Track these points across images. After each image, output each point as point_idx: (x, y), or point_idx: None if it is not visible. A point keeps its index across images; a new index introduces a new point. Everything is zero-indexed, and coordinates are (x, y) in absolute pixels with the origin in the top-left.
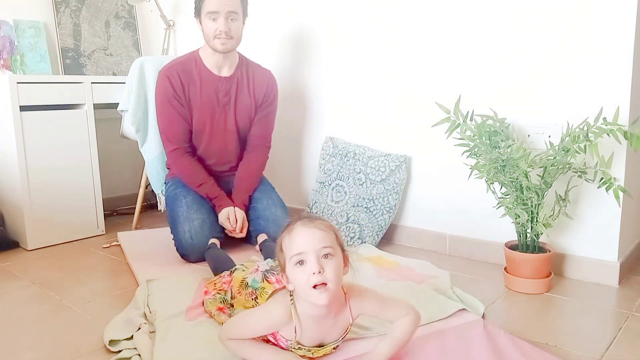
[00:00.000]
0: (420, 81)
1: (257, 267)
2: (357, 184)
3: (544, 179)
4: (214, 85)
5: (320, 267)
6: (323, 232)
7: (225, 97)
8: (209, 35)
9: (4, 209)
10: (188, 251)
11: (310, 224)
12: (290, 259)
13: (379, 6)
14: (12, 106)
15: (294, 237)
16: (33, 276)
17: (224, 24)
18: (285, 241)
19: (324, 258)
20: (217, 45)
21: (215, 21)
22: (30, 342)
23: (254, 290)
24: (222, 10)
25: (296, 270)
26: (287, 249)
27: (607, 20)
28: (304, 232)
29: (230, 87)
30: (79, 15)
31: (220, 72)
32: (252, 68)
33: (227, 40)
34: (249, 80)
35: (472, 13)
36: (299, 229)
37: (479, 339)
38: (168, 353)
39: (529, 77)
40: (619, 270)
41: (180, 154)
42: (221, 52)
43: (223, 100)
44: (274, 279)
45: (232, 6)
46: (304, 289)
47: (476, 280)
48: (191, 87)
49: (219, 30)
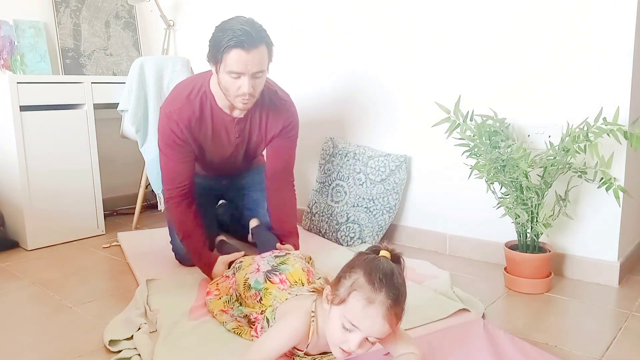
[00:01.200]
0: (420, 81)
1: (258, 266)
2: (357, 184)
3: (544, 179)
4: (226, 126)
5: (362, 345)
6: (388, 328)
7: (238, 138)
8: (228, 91)
9: (4, 209)
10: (184, 257)
11: (387, 313)
12: (346, 317)
13: (379, 6)
14: (12, 106)
15: (368, 314)
16: (33, 276)
17: (248, 85)
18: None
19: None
20: (238, 104)
21: (237, 79)
22: (30, 342)
23: (258, 292)
24: (248, 71)
25: (340, 327)
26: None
27: (607, 20)
28: (370, 317)
29: (244, 128)
30: (79, 15)
31: (232, 112)
32: (267, 102)
33: (250, 99)
34: (261, 120)
35: (472, 13)
36: (377, 315)
37: (479, 339)
38: (170, 353)
39: (529, 77)
40: (619, 270)
41: (175, 202)
42: (241, 110)
43: (235, 141)
44: (277, 279)
45: (259, 65)
46: (332, 340)
47: (476, 280)
48: (202, 129)
49: (242, 90)
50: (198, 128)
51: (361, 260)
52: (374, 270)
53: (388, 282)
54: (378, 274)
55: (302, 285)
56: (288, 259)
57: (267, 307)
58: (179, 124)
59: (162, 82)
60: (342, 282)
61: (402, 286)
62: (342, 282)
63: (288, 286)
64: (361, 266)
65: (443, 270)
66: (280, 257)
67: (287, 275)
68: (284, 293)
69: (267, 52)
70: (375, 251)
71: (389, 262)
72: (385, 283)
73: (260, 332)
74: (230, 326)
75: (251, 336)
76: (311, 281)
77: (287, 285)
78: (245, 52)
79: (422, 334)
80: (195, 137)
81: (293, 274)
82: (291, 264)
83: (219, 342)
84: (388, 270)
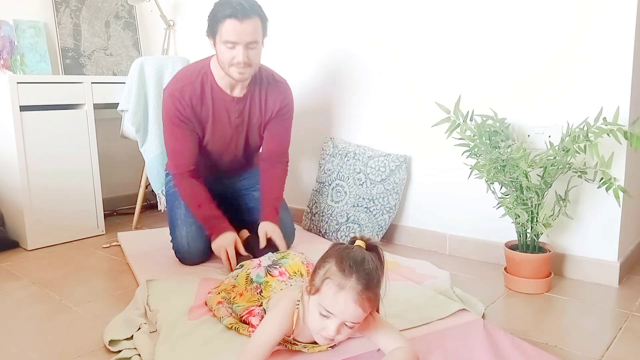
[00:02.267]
0: (420, 81)
1: (260, 262)
2: (357, 184)
3: (544, 179)
4: (227, 106)
5: (339, 331)
6: (361, 312)
7: (238, 118)
8: (224, 62)
9: (4, 209)
10: (184, 255)
11: (358, 298)
12: (321, 304)
13: (379, 6)
14: (12, 106)
15: (339, 299)
16: (33, 276)
17: (243, 54)
18: (330, 284)
19: (345, 326)
20: (234, 73)
21: (232, 49)
22: (30, 342)
23: (259, 285)
24: (242, 40)
25: (318, 315)
26: (326, 296)
27: (607, 20)
28: (342, 302)
29: (244, 108)
30: (79, 15)
31: (232, 91)
32: (265, 83)
33: (246, 69)
34: (261, 99)
35: (473, 13)
36: (348, 300)
37: (479, 339)
38: (170, 352)
39: (529, 77)
40: (619, 270)
41: (183, 176)
42: (238, 80)
43: (236, 121)
44: (277, 272)
45: (252, 35)
46: (312, 328)
47: (476, 280)
48: (203, 108)
49: (237, 60)
50: (200, 107)
51: (334, 250)
52: (344, 258)
53: (358, 267)
54: (349, 261)
55: (301, 276)
56: (288, 254)
57: (265, 299)
58: (181, 102)
59: (162, 82)
60: (317, 272)
61: (374, 272)
62: (317, 273)
63: (287, 277)
64: (333, 255)
65: (443, 270)
66: (281, 253)
67: (286, 267)
68: (282, 284)
69: (261, 25)
70: (352, 241)
71: (361, 250)
72: (355, 269)
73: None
74: (227, 321)
75: (248, 332)
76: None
77: (286, 277)
78: (239, 22)
79: (422, 334)
80: (197, 116)
81: (292, 266)
82: (291, 258)
83: (218, 341)
84: (359, 258)
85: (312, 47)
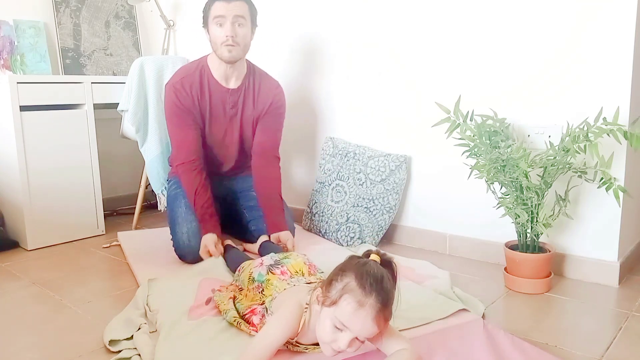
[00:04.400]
0: (420, 81)
1: (262, 261)
2: (357, 184)
3: (544, 179)
4: (222, 97)
5: (351, 344)
6: (377, 329)
7: (232, 109)
8: (216, 43)
9: (4, 209)
10: (185, 252)
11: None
12: (338, 317)
13: (380, 6)
14: (12, 106)
15: (358, 316)
16: (33, 276)
17: (230, 28)
18: (350, 299)
19: (357, 340)
20: (224, 52)
21: (221, 27)
22: (30, 342)
23: (260, 284)
24: (229, 14)
25: (330, 327)
26: (344, 312)
27: (607, 20)
28: (360, 320)
29: (238, 99)
30: (79, 15)
31: (227, 83)
32: (259, 78)
33: (234, 47)
34: (254, 92)
35: (473, 13)
36: (367, 317)
37: (479, 339)
38: (170, 352)
39: (529, 77)
40: (619, 270)
41: (187, 168)
42: (228, 60)
43: (230, 112)
44: (279, 271)
45: (240, 10)
46: (322, 339)
47: (476, 280)
48: (202, 98)
49: (226, 35)
50: (199, 97)
51: (352, 264)
52: (365, 274)
53: (378, 286)
54: (369, 279)
55: (303, 275)
56: (291, 254)
57: (267, 297)
58: (182, 92)
59: (162, 82)
60: (333, 284)
61: (391, 290)
62: (333, 285)
63: (289, 277)
64: (352, 270)
65: (443, 270)
66: (284, 253)
67: (288, 267)
68: (284, 283)
69: (249, 9)
70: (366, 255)
71: (379, 267)
72: (375, 287)
73: (260, 321)
74: (230, 315)
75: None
76: (312, 273)
77: (287, 276)
78: (226, 2)
79: (422, 334)
80: (198, 106)
81: (294, 265)
82: (293, 258)
83: (219, 341)
84: (378, 275)
85: (312, 47)
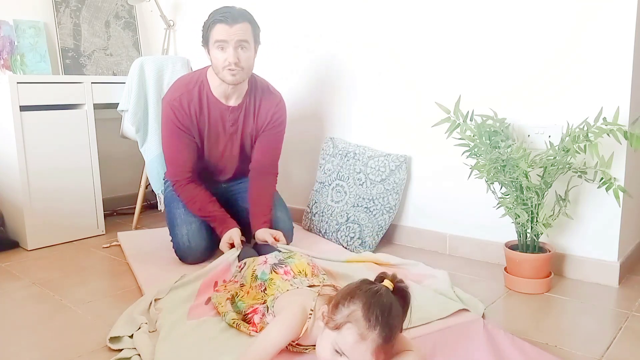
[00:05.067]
0: (420, 81)
1: (266, 260)
2: (357, 184)
3: (544, 179)
4: (222, 115)
5: None
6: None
7: (232, 127)
8: (217, 66)
9: (4, 209)
10: (185, 254)
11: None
12: (338, 344)
13: (380, 6)
14: (12, 106)
15: (358, 348)
16: (33, 276)
17: (233, 54)
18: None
19: None
20: (227, 76)
21: (223, 51)
22: (30, 342)
23: (263, 282)
24: (231, 39)
25: (331, 350)
26: (345, 340)
27: (607, 20)
28: (360, 352)
29: (238, 116)
30: (79, 15)
31: (227, 101)
32: (260, 93)
33: (238, 72)
34: (255, 109)
35: (473, 13)
36: (367, 351)
37: (478, 339)
38: (170, 352)
39: (529, 77)
40: (619, 270)
41: (182, 184)
42: (231, 84)
43: (230, 130)
44: (282, 270)
45: (243, 35)
46: (321, 356)
47: (476, 280)
48: (199, 119)
49: (228, 61)
50: (198, 114)
51: (363, 291)
52: (372, 305)
53: (384, 320)
54: (376, 311)
55: (306, 276)
56: (295, 254)
57: (269, 297)
58: (180, 111)
59: (162, 82)
60: (339, 308)
61: (397, 325)
62: (339, 309)
63: (292, 277)
64: (361, 298)
65: (441, 270)
66: (288, 253)
67: (292, 267)
68: (286, 283)
69: (252, 30)
70: (380, 278)
71: (389, 295)
72: (380, 321)
73: (260, 320)
74: (229, 317)
75: (249, 330)
76: (315, 274)
77: (290, 276)
78: (228, 26)
79: (422, 333)
80: (195, 124)
81: (298, 265)
82: (297, 258)
83: (218, 341)
84: (386, 308)
85: (312, 47)
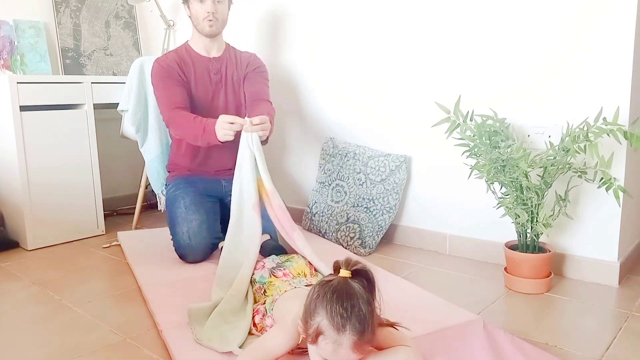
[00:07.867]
0: (420, 81)
1: (264, 264)
2: (357, 184)
3: (544, 179)
4: (205, 65)
5: None
6: (362, 354)
7: (216, 75)
8: (197, 18)
9: (4, 209)
10: (186, 252)
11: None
12: (322, 355)
13: (380, 6)
14: (12, 106)
15: (339, 354)
16: (33, 276)
17: (211, 5)
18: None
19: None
20: (206, 27)
21: (202, 3)
22: (30, 342)
23: (262, 286)
24: None
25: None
26: (325, 352)
27: (607, 20)
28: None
29: (221, 66)
30: (79, 15)
31: (209, 54)
32: (238, 51)
33: (215, 22)
34: (236, 59)
35: (473, 13)
36: (347, 351)
37: (478, 339)
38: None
39: (529, 77)
40: (619, 270)
41: (175, 111)
42: (208, 34)
43: (215, 78)
44: (281, 273)
45: None
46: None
47: (476, 280)
48: (185, 69)
49: (207, 11)
50: (183, 66)
51: (320, 297)
52: (333, 308)
53: (350, 317)
54: (339, 312)
55: (305, 277)
56: (292, 257)
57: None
58: (166, 61)
59: None
60: (308, 323)
61: (366, 311)
62: (308, 324)
63: (291, 278)
64: (321, 304)
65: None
66: (286, 256)
67: (290, 269)
68: (286, 284)
69: None
70: (336, 268)
71: (348, 285)
72: (347, 319)
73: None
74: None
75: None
76: (314, 274)
77: (290, 277)
78: None
79: (422, 333)
80: (182, 72)
81: (296, 267)
82: (295, 261)
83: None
84: (348, 302)
85: (312, 47)
